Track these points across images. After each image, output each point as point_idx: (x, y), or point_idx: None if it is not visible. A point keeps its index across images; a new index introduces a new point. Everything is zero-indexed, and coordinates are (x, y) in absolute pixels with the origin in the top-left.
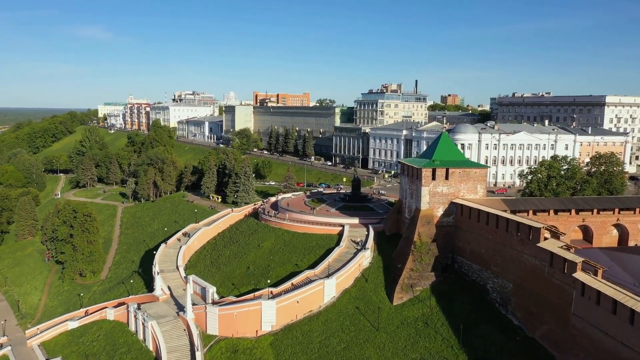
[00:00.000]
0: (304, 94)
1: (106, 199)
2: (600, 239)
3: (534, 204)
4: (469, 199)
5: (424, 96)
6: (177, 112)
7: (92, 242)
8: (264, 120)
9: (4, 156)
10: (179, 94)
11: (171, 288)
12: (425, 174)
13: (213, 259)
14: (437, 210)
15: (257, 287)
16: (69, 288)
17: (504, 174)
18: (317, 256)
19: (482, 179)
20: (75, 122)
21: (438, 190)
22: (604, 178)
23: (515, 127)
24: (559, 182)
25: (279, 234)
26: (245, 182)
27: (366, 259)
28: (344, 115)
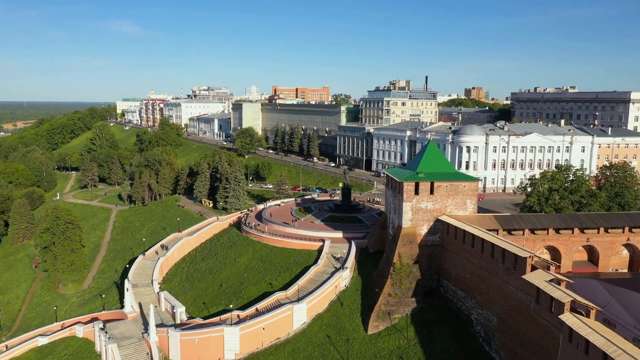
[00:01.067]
0: (323, 88)
1: (104, 201)
2: (607, 261)
3: (530, 221)
4: (456, 215)
5: (433, 93)
6: (189, 108)
7: (74, 251)
8: (272, 118)
9: (18, 154)
10: (197, 88)
11: (142, 305)
12: (407, 188)
13: (189, 273)
14: (421, 228)
15: (227, 307)
16: (48, 299)
17: (513, 178)
18: (293, 275)
19: (472, 193)
20: (95, 118)
21: (422, 206)
22: (615, 191)
23: (527, 127)
24: (562, 196)
25: (257, 249)
26: (236, 187)
27: (344, 279)
28: (350, 114)
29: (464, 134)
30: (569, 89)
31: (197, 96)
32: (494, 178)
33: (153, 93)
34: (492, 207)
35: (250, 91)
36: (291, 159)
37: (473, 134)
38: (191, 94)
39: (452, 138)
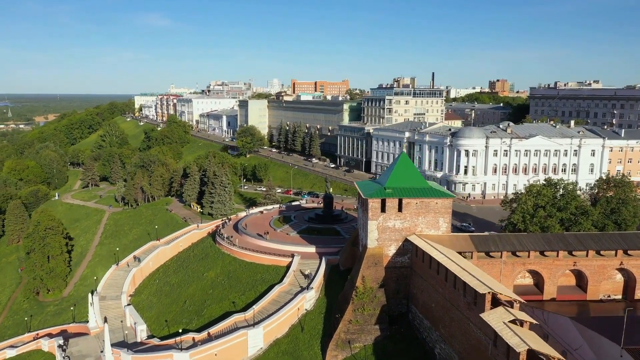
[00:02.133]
0: (342, 82)
1: (100, 202)
2: (597, 286)
3: (509, 242)
4: (428, 235)
5: (439, 90)
6: (201, 104)
7: (54, 257)
8: (278, 115)
9: (33, 150)
10: (215, 83)
11: (109, 319)
12: (372, 205)
13: (159, 287)
14: (389, 248)
15: (187, 327)
16: (27, 306)
17: (515, 184)
18: (258, 293)
19: (446, 211)
20: (115, 113)
21: (389, 225)
22: (610, 207)
23: (532, 129)
24: (549, 213)
25: (226, 263)
26: (221, 192)
27: (308, 301)
28: (352, 112)
29: (462, 136)
30: (592, 83)
31: (210, 91)
32: (494, 184)
33: (173, 87)
34: (490, 215)
35: (272, 84)
36: (292, 158)
37: (472, 137)
38: (205, 89)
39: (450, 141)
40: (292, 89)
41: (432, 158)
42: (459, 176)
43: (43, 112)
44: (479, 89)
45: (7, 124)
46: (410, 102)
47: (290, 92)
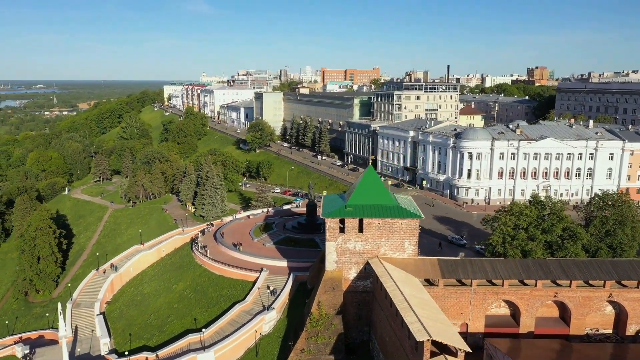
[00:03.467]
0: (373, 70)
1: (106, 198)
2: (582, 320)
3: (482, 268)
4: (391, 259)
5: (454, 85)
6: (222, 95)
7: (44, 258)
8: (293, 109)
9: (60, 140)
10: (244, 71)
11: (79, 328)
12: (330, 225)
13: (132, 296)
14: (349, 271)
15: (148, 343)
16: (16, 307)
17: (523, 189)
18: (221, 310)
19: (412, 232)
20: (147, 101)
21: (349, 247)
22: (605, 229)
23: (544, 129)
24: (532, 236)
25: (197, 275)
26: (212, 193)
27: (267, 322)
28: (363, 108)
29: (466, 138)
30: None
31: (235, 81)
32: (500, 189)
33: (205, 76)
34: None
35: (305, 71)
36: (301, 154)
37: (476, 138)
38: (230, 79)
39: (453, 142)
40: (322, 78)
41: (435, 160)
42: (462, 180)
43: (87, 99)
44: (517, 76)
45: (52, 111)
46: (421, 98)
47: (320, 81)
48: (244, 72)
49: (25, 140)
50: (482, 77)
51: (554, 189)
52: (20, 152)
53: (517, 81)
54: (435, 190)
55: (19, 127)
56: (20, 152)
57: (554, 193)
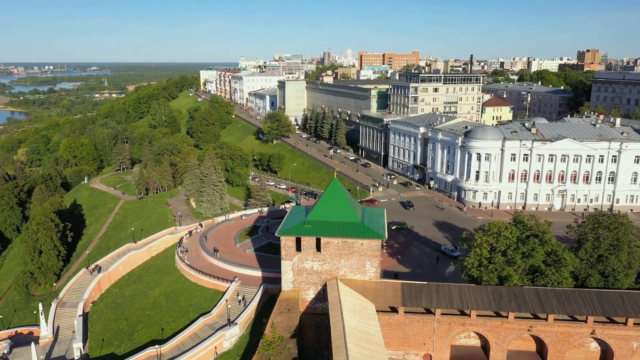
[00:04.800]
0: (412, 53)
1: (120, 189)
2: (562, 356)
3: (448, 296)
4: (351, 281)
5: (475, 76)
6: (251, 82)
7: (46, 252)
8: (315, 98)
9: (95, 126)
10: (279, 56)
11: (61, 329)
12: (285, 244)
13: (115, 298)
14: (306, 292)
15: (116, 352)
16: (18, 299)
17: (537, 193)
18: (187, 321)
19: (373, 254)
20: (185, 86)
21: (306, 266)
22: (598, 254)
23: (563, 128)
24: (510, 259)
25: (173, 280)
26: (210, 191)
27: (228, 339)
28: (381, 99)
29: (475, 137)
30: None
31: (267, 67)
32: (511, 192)
33: (243, 60)
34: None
35: (345, 55)
36: (318, 146)
37: (485, 138)
38: (262, 65)
39: (462, 141)
40: (359, 62)
41: (444, 159)
42: (469, 182)
43: (137, 81)
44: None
45: (102, 93)
46: (439, 90)
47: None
48: (278, 57)
49: (65, 125)
50: (528, 61)
51: (570, 193)
52: (58, 137)
53: (564, 66)
54: (443, 192)
55: (70, 109)
56: (57, 137)
57: (571, 198)
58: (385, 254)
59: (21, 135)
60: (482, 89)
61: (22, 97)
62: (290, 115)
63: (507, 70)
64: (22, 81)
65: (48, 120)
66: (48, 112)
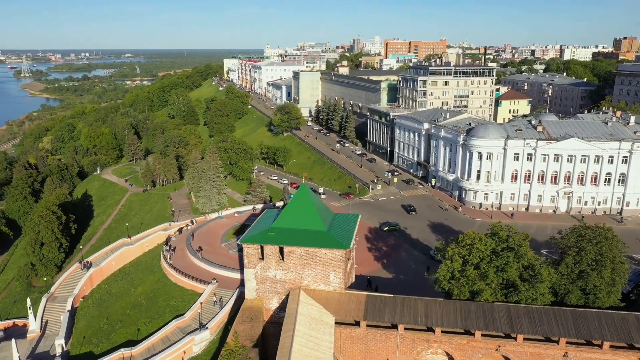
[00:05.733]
0: (440, 41)
1: (132, 180)
2: None
3: (414, 310)
4: (315, 291)
5: (488, 69)
6: (270, 71)
7: (47, 244)
8: (329, 89)
9: (117, 115)
10: (303, 44)
11: (49, 323)
12: (248, 251)
13: (103, 294)
14: (270, 301)
15: (94, 350)
16: (20, 290)
17: (541, 195)
18: (163, 323)
19: (337, 264)
20: (210, 74)
21: (269, 275)
22: (579, 269)
23: (571, 126)
24: (483, 273)
25: (155, 280)
26: (207, 186)
27: (198, 343)
28: (391, 92)
29: (476, 135)
30: None
31: (287, 56)
32: (513, 193)
33: (269, 48)
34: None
35: (373, 42)
36: (328, 139)
37: (487, 137)
38: (283, 54)
39: (463, 139)
40: (385, 50)
41: (446, 157)
42: (470, 182)
43: (168, 68)
44: (601, 47)
45: (134, 80)
46: (450, 83)
47: (383, 54)
48: (302, 45)
49: (91, 113)
50: (560, 49)
51: (577, 195)
52: (82, 126)
53: (598, 54)
54: (445, 190)
55: (101, 96)
56: (81, 126)
57: (577, 201)
58: (371, 257)
59: (48, 122)
60: (502, 81)
61: (57, 84)
62: (304, 107)
63: (538, 59)
64: (59, 68)
65: (74, 107)
66: (80, 99)
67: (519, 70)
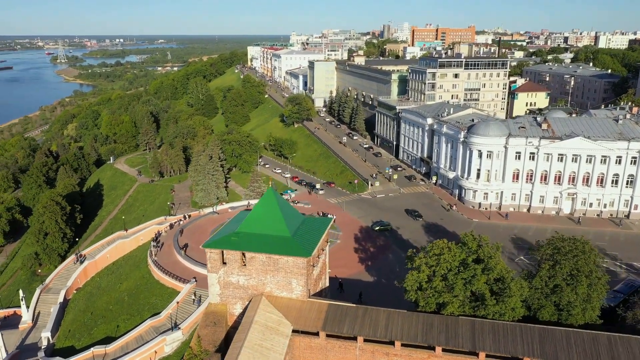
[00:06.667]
0: (468, 28)
1: (143, 170)
2: None
3: (375, 322)
4: (278, 298)
5: (502, 60)
6: (289, 60)
7: (52, 234)
8: (343, 80)
9: (138, 103)
10: (328, 31)
11: (41, 315)
12: (210, 256)
13: (93, 287)
14: (234, 306)
15: (76, 345)
16: (24, 278)
17: (543, 196)
18: (141, 321)
19: (299, 272)
20: (235, 62)
21: (232, 280)
22: (554, 283)
23: (577, 124)
24: (451, 284)
25: (140, 276)
26: (204, 180)
27: (170, 343)
28: (402, 85)
29: (476, 133)
30: None
31: (309, 44)
32: (515, 193)
33: (294, 35)
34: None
35: (402, 28)
36: (338, 131)
37: (487, 134)
38: (304, 42)
39: (464, 136)
40: (411, 37)
41: (448, 154)
42: (469, 181)
43: (199, 54)
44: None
45: (164, 66)
46: (460, 76)
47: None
48: (325, 33)
49: (116, 100)
50: (595, 36)
51: (581, 197)
52: (106, 113)
53: (635, 42)
54: (446, 188)
55: (132, 82)
56: (105, 113)
57: (582, 202)
58: (357, 258)
59: (75, 109)
60: (524, 72)
61: (90, 70)
62: (318, 97)
63: (571, 47)
64: (94, 54)
65: (100, 94)
66: (112, 85)
67: (544, 60)
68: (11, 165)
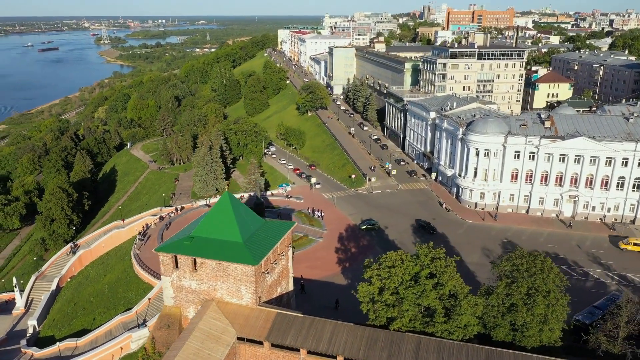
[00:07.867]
0: (507, 10)
1: (155, 157)
2: None
3: (319, 334)
4: (228, 304)
5: (518, 50)
6: (313, 45)
7: (58, 220)
8: (362, 67)
9: (166, 86)
10: (359, 14)
11: (34, 302)
12: (163, 260)
13: (83, 277)
14: (187, 310)
15: (57, 335)
16: (32, 262)
17: (543, 197)
18: (115, 315)
19: (248, 279)
20: (267, 45)
21: (184, 284)
22: (510, 302)
23: (582, 122)
24: (402, 298)
25: (122, 269)
26: (200, 171)
27: (136, 340)
28: (415, 74)
29: (474, 130)
30: None
31: (336, 27)
32: (513, 194)
33: (327, 17)
34: (487, 240)
35: (440, 10)
36: (351, 120)
37: (485, 132)
38: (332, 25)
39: (462, 133)
40: (446, 21)
41: (447, 150)
42: (466, 180)
43: (238, 35)
44: None
45: (202, 48)
46: (472, 67)
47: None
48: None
49: (147, 83)
50: (627, 16)
51: (584, 200)
52: (135, 97)
53: None
54: (445, 186)
55: (170, 64)
56: (134, 97)
57: (584, 206)
58: (335, 259)
59: (107, 92)
60: (552, 60)
61: (130, 51)
62: (337, 84)
63: (616, 30)
64: (136, 35)
65: (138, 76)
66: (150, 67)
67: (576, 47)
68: (38, 149)
